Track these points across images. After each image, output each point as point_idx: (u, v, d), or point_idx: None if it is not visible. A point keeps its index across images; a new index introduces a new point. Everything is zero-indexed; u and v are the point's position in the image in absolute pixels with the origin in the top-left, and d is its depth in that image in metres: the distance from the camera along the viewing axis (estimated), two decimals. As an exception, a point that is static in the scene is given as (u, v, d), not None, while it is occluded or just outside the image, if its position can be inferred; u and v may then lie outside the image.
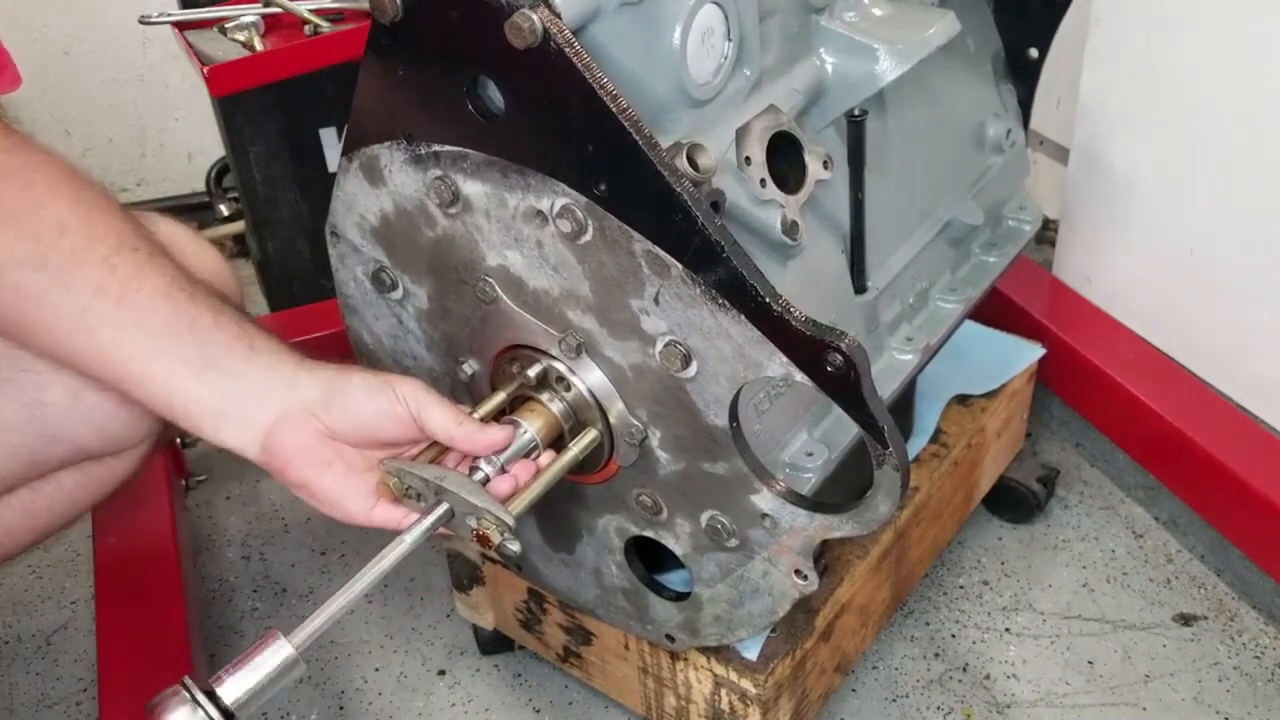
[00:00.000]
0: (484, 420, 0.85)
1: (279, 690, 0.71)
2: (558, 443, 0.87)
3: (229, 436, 0.82)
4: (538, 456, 0.85)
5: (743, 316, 0.73)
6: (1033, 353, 1.39)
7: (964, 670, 1.27)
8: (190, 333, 0.80)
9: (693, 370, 0.78)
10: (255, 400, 0.81)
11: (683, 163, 0.78)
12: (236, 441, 0.82)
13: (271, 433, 0.81)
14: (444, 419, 0.82)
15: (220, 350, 0.81)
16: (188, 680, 0.69)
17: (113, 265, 0.79)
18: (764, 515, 0.84)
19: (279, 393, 0.81)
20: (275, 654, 0.71)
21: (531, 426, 0.85)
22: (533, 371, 0.86)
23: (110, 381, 0.84)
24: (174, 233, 0.98)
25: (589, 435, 0.86)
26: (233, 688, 0.69)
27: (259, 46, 1.59)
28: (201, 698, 0.68)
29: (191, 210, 2.23)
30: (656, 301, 0.76)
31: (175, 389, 0.81)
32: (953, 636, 1.31)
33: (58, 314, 0.79)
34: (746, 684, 1.01)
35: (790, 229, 0.87)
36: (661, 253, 0.73)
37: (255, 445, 0.82)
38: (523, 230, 0.80)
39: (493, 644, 1.30)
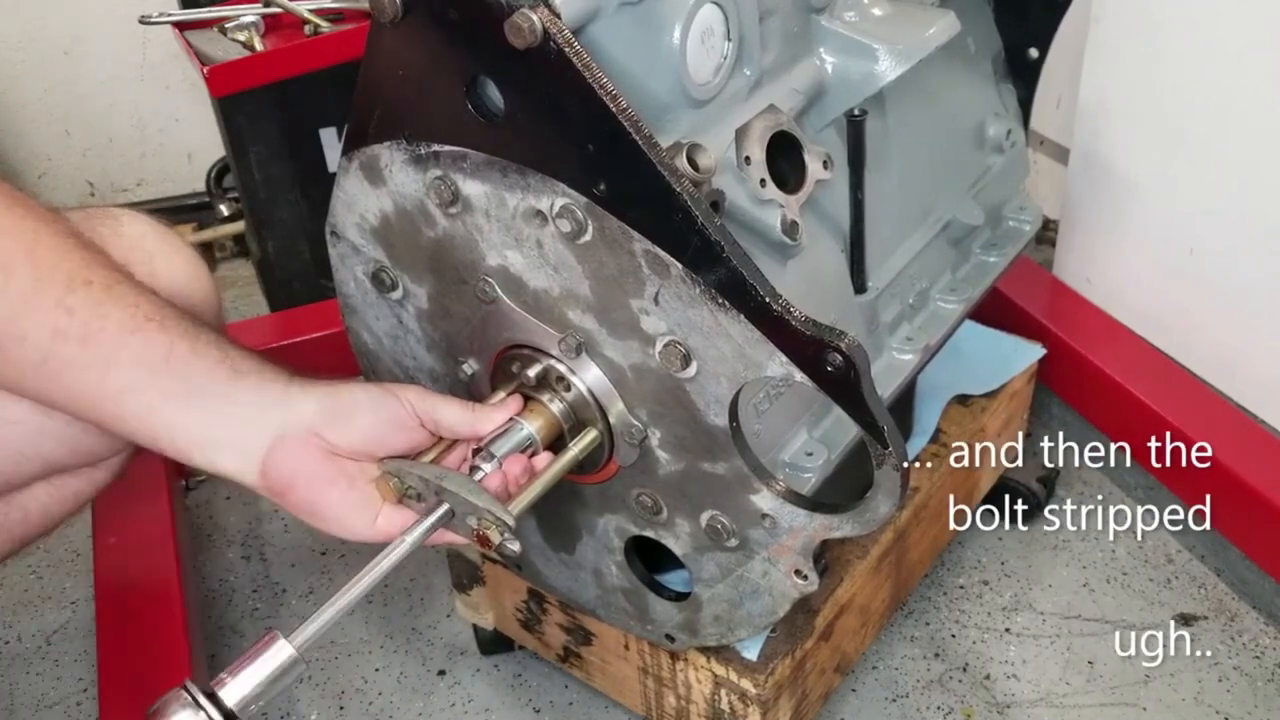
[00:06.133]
0: None
1: (280, 690, 0.71)
2: (558, 443, 0.87)
3: (223, 464, 0.79)
4: (535, 454, 0.85)
5: (743, 316, 0.73)
6: (1033, 353, 1.38)
7: (964, 670, 1.27)
8: (166, 365, 0.76)
9: (693, 370, 0.78)
10: (248, 423, 0.78)
11: (683, 163, 0.78)
12: (232, 467, 0.79)
13: (270, 456, 0.78)
14: (458, 412, 0.83)
15: (202, 378, 0.77)
16: (189, 683, 0.68)
17: (68, 307, 0.74)
18: (764, 515, 0.84)
19: (271, 412, 0.79)
20: (275, 654, 0.71)
21: (531, 426, 0.85)
22: (533, 371, 0.86)
23: (86, 420, 0.80)
24: (142, 233, 0.94)
25: (589, 435, 0.86)
26: (234, 689, 0.69)
27: (259, 46, 1.60)
28: (204, 700, 0.68)
29: (191, 210, 2.24)
30: (656, 301, 0.76)
31: (159, 422, 0.77)
32: (953, 636, 1.31)
33: (16, 363, 0.75)
34: (746, 684, 1.01)
35: (790, 229, 0.87)
36: (661, 253, 0.73)
37: (253, 470, 0.79)
38: (523, 230, 0.80)
39: (493, 644, 1.30)
